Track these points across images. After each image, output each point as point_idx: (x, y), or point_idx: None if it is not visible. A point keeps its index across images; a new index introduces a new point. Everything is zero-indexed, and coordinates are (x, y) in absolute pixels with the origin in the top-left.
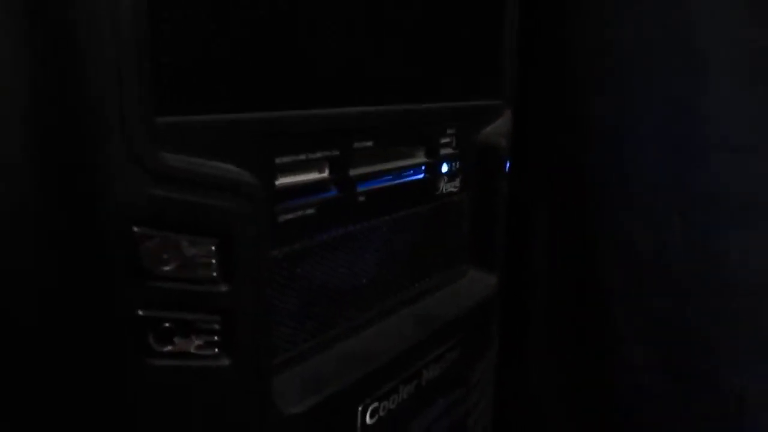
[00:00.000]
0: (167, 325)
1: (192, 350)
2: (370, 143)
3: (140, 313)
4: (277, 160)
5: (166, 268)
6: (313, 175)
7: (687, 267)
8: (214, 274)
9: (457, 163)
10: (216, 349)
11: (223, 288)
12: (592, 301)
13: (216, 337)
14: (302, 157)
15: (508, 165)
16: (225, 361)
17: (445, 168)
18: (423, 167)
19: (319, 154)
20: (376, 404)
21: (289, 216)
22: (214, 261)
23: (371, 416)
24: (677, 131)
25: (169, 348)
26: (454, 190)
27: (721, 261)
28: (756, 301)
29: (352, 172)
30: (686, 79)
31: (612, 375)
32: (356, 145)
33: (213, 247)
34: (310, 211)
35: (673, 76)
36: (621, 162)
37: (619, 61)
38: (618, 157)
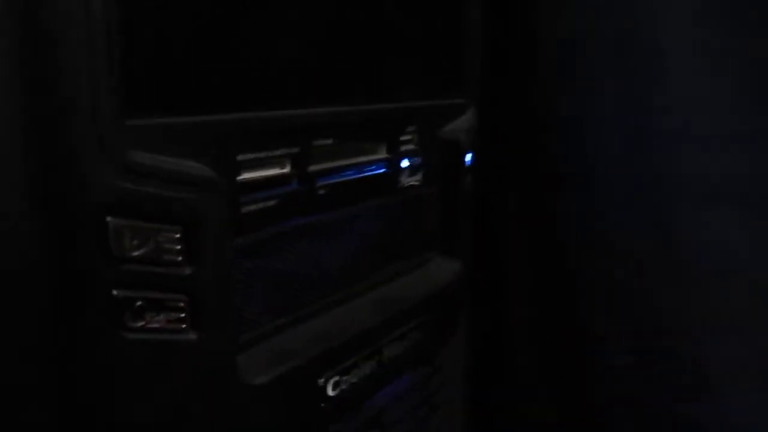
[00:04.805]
0: (139, 303)
1: (161, 326)
2: (329, 141)
3: (115, 293)
4: (239, 157)
5: (136, 253)
6: (274, 171)
7: (650, 250)
8: (179, 258)
9: (419, 158)
10: (183, 325)
11: (188, 270)
12: (563, 285)
13: (183, 314)
14: (263, 154)
15: (471, 159)
16: (192, 336)
17: (405, 163)
18: (383, 162)
19: (279, 152)
20: (337, 377)
21: (252, 207)
22: (178, 247)
23: (333, 388)
24: (635, 123)
25: (142, 323)
26: (417, 183)
27: (682, 245)
28: (716, 283)
29: (313, 168)
30: (640, 73)
31: (588, 356)
32: (316, 143)
33: (177, 235)
34: (272, 203)
35: (628, 71)
36: (585, 153)
37: (579, 58)
38: (582, 148)
